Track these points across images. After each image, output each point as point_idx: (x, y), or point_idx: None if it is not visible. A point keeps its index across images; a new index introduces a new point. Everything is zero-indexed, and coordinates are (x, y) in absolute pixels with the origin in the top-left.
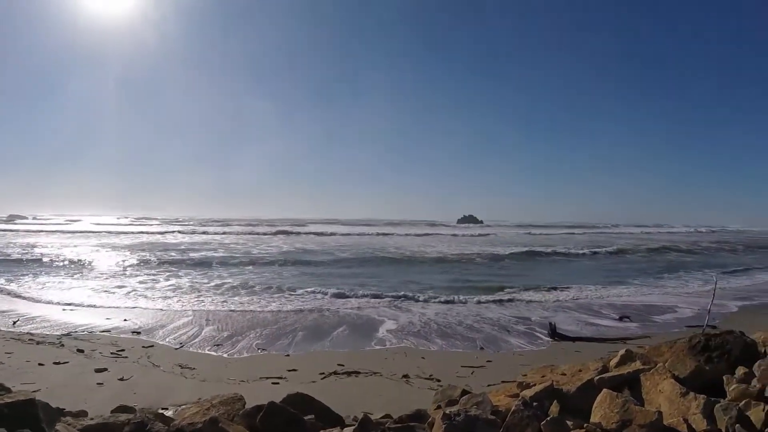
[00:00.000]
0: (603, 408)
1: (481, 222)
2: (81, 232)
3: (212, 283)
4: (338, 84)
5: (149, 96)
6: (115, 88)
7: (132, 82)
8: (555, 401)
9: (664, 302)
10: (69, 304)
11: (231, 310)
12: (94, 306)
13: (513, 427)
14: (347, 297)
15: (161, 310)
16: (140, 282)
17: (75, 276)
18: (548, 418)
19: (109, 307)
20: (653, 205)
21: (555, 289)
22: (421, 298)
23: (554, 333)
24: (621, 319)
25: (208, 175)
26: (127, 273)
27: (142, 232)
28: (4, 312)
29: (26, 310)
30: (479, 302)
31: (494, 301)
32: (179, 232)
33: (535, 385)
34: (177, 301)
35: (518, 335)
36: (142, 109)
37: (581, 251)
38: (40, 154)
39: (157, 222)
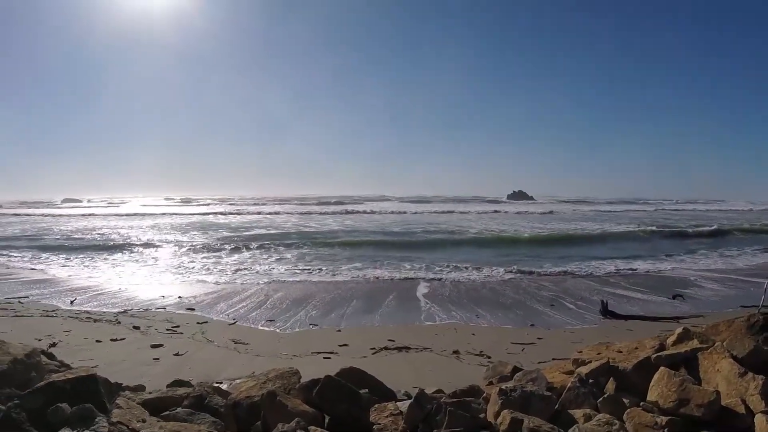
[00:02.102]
0: (660, 386)
1: (532, 198)
2: (132, 214)
3: (263, 261)
4: (398, 59)
5: (197, 77)
6: (160, 71)
7: (178, 64)
8: (611, 379)
9: None
10: (125, 283)
11: (283, 286)
12: (150, 284)
13: (569, 404)
14: (410, 278)
15: (215, 286)
16: (193, 260)
17: (130, 255)
18: (604, 396)
19: (164, 285)
20: (700, 181)
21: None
22: (477, 274)
23: (606, 311)
24: (674, 297)
25: (259, 153)
26: (180, 252)
27: (192, 213)
28: (62, 291)
29: (83, 289)
30: (539, 274)
31: (558, 273)
32: (226, 212)
33: (590, 362)
34: (230, 278)
35: (568, 312)
36: (193, 91)
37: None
38: (92, 140)
39: (207, 202)
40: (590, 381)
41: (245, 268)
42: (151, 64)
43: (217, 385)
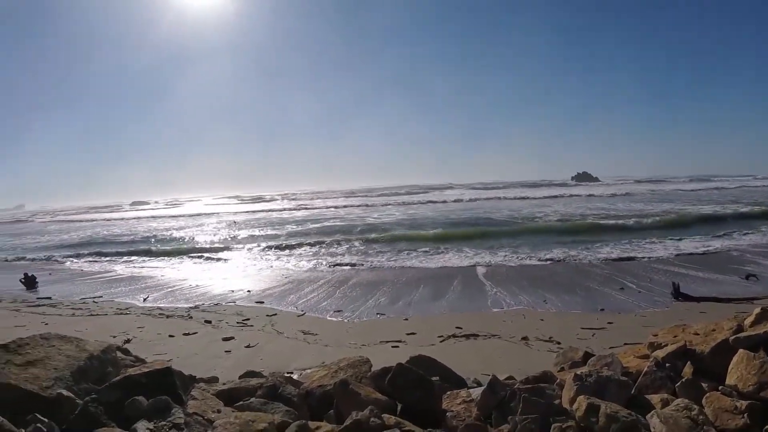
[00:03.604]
0: (739, 369)
1: (597, 179)
2: (198, 214)
3: (329, 253)
4: (460, 50)
5: (262, 79)
6: (226, 74)
7: (245, 67)
8: (688, 362)
9: None
10: (195, 279)
11: (349, 277)
12: (220, 279)
13: (645, 389)
14: (476, 264)
15: (283, 278)
16: (260, 255)
17: (199, 253)
18: (682, 380)
19: (234, 279)
20: None
21: None
22: (542, 258)
23: (678, 293)
24: (747, 278)
25: (325, 148)
26: (248, 247)
27: (258, 210)
28: (134, 290)
29: (155, 287)
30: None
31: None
32: (292, 208)
33: (666, 345)
34: (298, 271)
35: (639, 295)
36: (258, 92)
37: None
38: (160, 144)
39: (273, 198)
40: (667, 365)
41: (312, 261)
42: (217, 68)
43: (288, 375)
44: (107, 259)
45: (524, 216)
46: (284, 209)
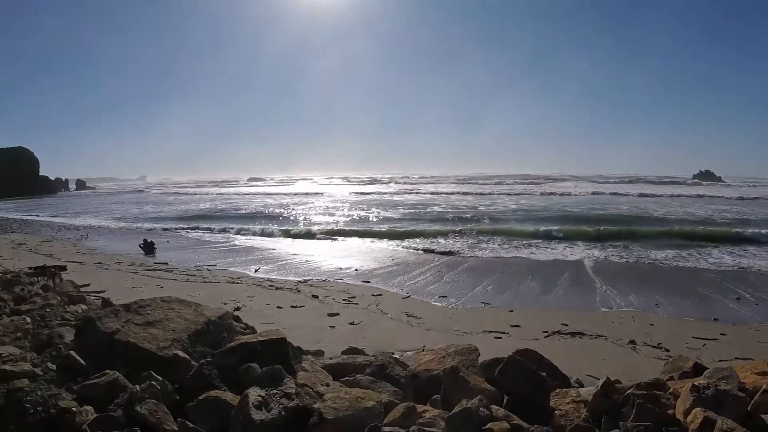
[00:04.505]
0: None
1: (720, 179)
2: (313, 193)
3: (437, 238)
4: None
5: (387, 68)
6: (349, 64)
7: (370, 57)
8: None
9: None
10: (306, 254)
11: (457, 263)
12: (329, 256)
13: (763, 408)
14: (586, 258)
15: (391, 260)
16: (370, 235)
17: (311, 229)
18: None
19: (343, 257)
20: None
21: None
22: (659, 259)
23: None
24: None
25: (437, 132)
26: (358, 227)
27: (368, 193)
28: (246, 261)
29: (267, 260)
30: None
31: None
32: (403, 191)
33: None
34: (406, 253)
35: (756, 307)
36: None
37: None
38: (279, 124)
39: (386, 180)
40: None
41: (420, 245)
42: (341, 58)
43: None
44: (222, 230)
45: (641, 213)
46: (395, 192)
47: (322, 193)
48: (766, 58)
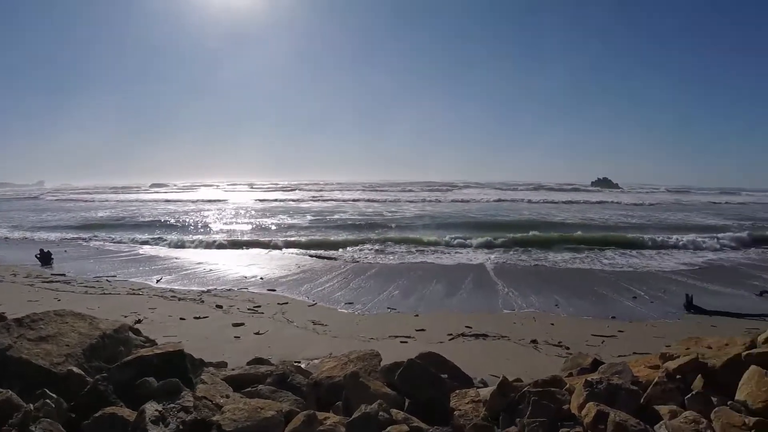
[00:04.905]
0: (750, 386)
1: (617, 186)
2: (217, 200)
3: (343, 245)
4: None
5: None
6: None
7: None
8: (699, 376)
9: None
10: (209, 263)
11: (362, 270)
12: (233, 265)
13: (655, 399)
14: (488, 262)
15: (296, 267)
16: (276, 243)
17: (214, 237)
18: (692, 393)
19: (247, 266)
20: None
21: None
22: (558, 261)
23: (690, 305)
24: (761, 294)
25: (340, 139)
26: (263, 235)
27: (273, 200)
28: (148, 271)
29: (169, 269)
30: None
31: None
32: (309, 198)
33: (678, 357)
34: (311, 261)
35: (651, 305)
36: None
37: None
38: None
39: (289, 187)
40: (678, 377)
41: (326, 252)
42: (248, 60)
43: (296, 364)
44: (123, 239)
45: (541, 218)
46: (300, 199)
47: (226, 200)
48: (659, 68)
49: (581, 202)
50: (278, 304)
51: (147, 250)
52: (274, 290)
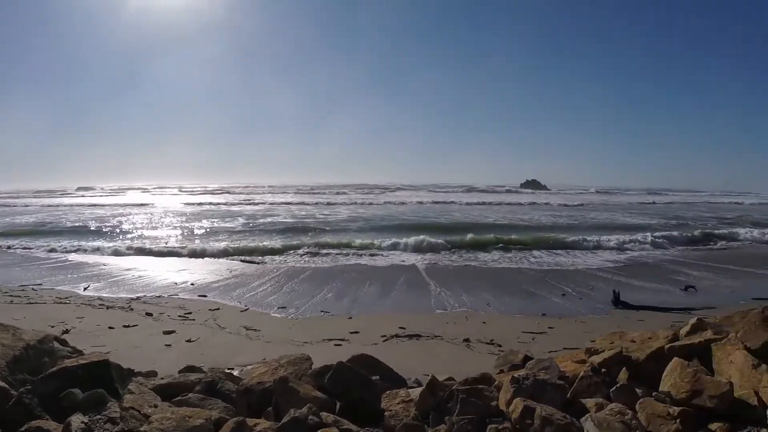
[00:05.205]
0: (673, 377)
1: (545, 187)
2: (146, 204)
3: (276, 248)
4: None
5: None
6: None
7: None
8: (624, 368)
9: None
10: (138, 269)
11: (295, 273)
12: (163, 271)
13: (581, 393)
14: (420, 264)
15: (228, 272)
16: (205, 248)
17: (143, 243)
18: (617, 385)
19: (177, 272)
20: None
21: None
22: (489, 261)
23: (618, 301)
24: (686, 289)
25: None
26: (193, 239)
27: (204, 203)
28: (75, 278)
29: (97, 276)
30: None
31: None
32: (240, 201)
33: (603, 351)
34: (243, 266)
35: (579, 302)
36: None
37: None
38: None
39: (220, 190)
40: (603, 370)
41: (258, 256)
42: (177, 57)
43: (228, 371)
44: (48, 246)
45: (472, 220)
46: (231, 203)
47: (156, 204)
48: (583, 71)
49: (511, 203)
50: (210, 310)
51: (74, 256)
52: (205, 296)
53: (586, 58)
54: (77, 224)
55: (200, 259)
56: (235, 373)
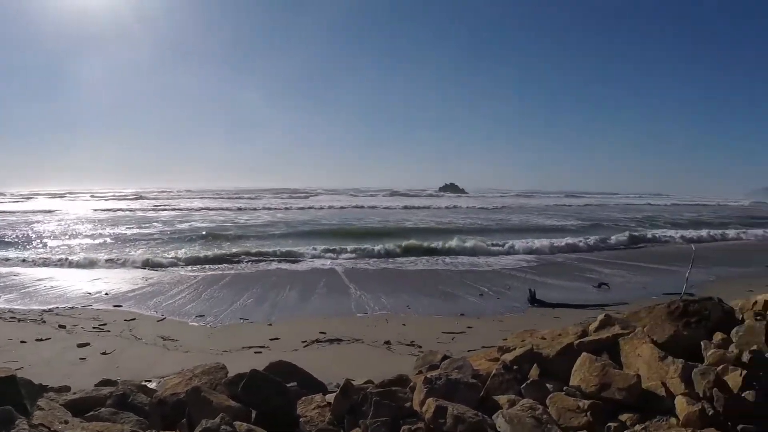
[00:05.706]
0: (582, 371)
1: (463, 191)
2: (57, 210)
3: (192, 255)
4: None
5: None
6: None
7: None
8: (535, 365)
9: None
10: (50, 280)
11: (213, 281)
12: (76, 281)
13: (493, 390)
14: (339, 268)
15: (143, 281)
16: (121, 256)
17: (54, 251)
18: (528, 382)
19: (91, 282)
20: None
21: None
22: (408, 264)
23: (534, 299)
24: (599, 286)
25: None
26: (107, 247)
27: (118, 209)
28: None
29: (5, 287)
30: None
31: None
32: (158, 207)
33: (515, 349)
34: (158, 274)
35: (497, 301)
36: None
37: None
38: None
39: (135, 194)
40: (515, 367)
41: (175, 263)
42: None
43: (145, 383)
44: None
45: (391, 223)
46: (146, 208)
47: (67, 211)
48: (503, 78)
49: (431, 207)
50: (125, 320)
51: None
52: (120, 306)
53: (505, 63)
54: None
55: (115, 267)
56: (152, 385)
